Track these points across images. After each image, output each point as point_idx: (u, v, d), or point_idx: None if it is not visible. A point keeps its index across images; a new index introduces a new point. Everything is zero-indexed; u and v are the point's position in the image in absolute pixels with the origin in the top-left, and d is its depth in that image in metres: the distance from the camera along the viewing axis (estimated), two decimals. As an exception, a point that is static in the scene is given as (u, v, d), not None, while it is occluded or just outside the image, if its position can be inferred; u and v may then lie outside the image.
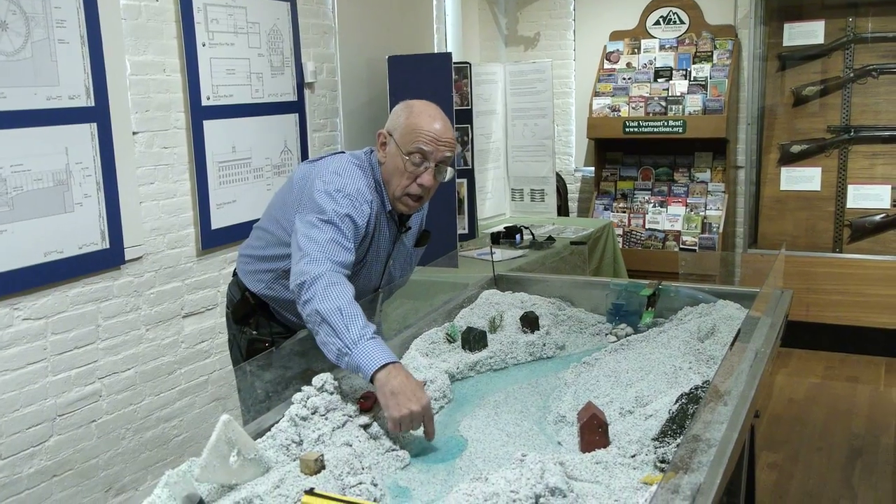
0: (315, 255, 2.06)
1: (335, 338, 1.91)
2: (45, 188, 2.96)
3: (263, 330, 2.49)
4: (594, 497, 1.44)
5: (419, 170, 2.21)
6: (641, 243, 5.84)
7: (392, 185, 2.26)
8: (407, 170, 2.21)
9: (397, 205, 2.28)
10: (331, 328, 1.92)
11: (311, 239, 2.10)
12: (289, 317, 2.46)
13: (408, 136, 2.21)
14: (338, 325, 1.91)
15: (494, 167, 5.49)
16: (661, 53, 5.96)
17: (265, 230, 2.45)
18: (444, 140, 2.22)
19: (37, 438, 3.02)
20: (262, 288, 2.46)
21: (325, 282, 1.99)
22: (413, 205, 2.28)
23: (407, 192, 2.24)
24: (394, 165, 2.24)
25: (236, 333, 2.56)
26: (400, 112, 2.27)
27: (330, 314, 1.93)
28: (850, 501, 3.50)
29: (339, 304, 1.94)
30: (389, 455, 1.76)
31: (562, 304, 2.71)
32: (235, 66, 3.73)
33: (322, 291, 1.97)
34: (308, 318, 2.00)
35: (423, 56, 4.77)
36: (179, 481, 1.51)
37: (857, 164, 5.48)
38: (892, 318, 5.13)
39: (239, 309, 2.52)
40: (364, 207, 2.20)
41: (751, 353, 2.05)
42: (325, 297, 1.96)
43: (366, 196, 2.22)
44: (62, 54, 2.99)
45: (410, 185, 2.23)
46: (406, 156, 2.20)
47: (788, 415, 4.40)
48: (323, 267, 2.03)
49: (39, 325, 3.00)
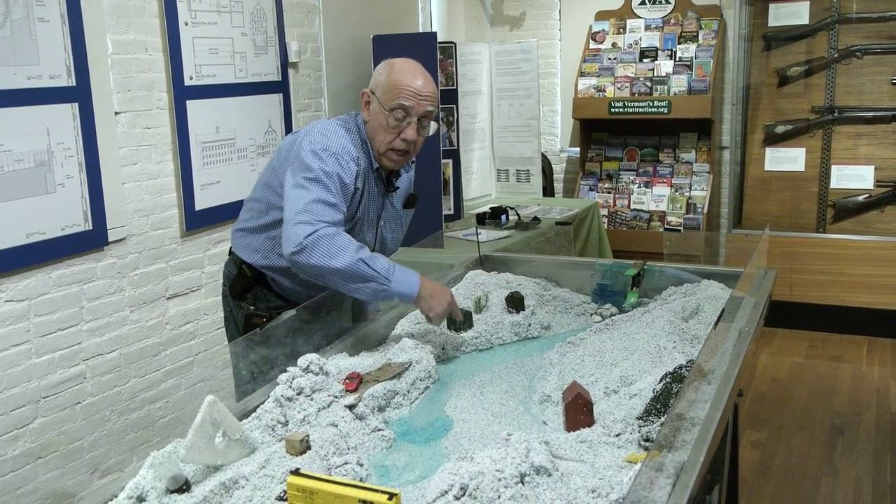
0: (304, 216, 2.11)
1: (366, 282, 2.10)
2: (27, 169, 2.93)
3: (261, 304, 2.50)
4: (579, 476, 1.45)
5: (402, 125, 2.27)
6: (626, 223, 5.85)
7: (377, 141, 2.31)
8: (390, 125, 2.27)
9: (383, 160, 2.33)
10: (360, 276, 2.09)
11: (300, 199, 2.14)
12: (287, 285, 2.46)
13: (389, 92, 2.26)
14: (366, 272, 2.09)
15: (480, 148, 5.48)
16: (646, 33, 5.95)
17: (257, 200, 2.47)
18: (426, 94, 2.27)
19: (21, 420, 3.00)
20: (258, 258, 2.46)
21: (325, 240, 2.08)
22: (398, 159, 2.33)
23: (391, 147, 2.30)
24: (377, 122, 2.29)
25: (233, 309, 2.56)
26: (381, 70, 2.32)
27: (355, 266, 2.08)
28: (832, 479, 3.54)
29: (354, 254, 2.08)
30: (375, 435, 1.76)
31: (547, 284, 2.71)
32: (218, 45, 3.70)
33: (328, 250, 2.07)
34: (328, 278, 2.11)
35: (407, 36, 4.74)
36: (165, 462, 1.51)
37: (841, 145, 5.51)
38: (875, 297, 5.17)
39: (237, 284, 2.52)
40: (351, 165, 2.25)
41: (734, 332, 2.06)
42: (336, 254, 2.08)
43: (352, 153, 2.26)
44: (42, 33, 2.95)
45: (394, 141, 2.29)
46: (388, 112, 2.26)
47: (771, 393, 4.44)
48: (313, 227, 2.09)
49: (22, 306, 2.98)
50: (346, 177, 2.22)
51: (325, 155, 2.21)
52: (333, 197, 2.17)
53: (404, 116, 2.26)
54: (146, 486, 1.48)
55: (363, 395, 1.84)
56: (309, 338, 2.22)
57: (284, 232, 2.14)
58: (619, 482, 1.42)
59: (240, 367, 2.16)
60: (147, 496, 1.47)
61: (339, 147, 2.25)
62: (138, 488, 1.48)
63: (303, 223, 2.10)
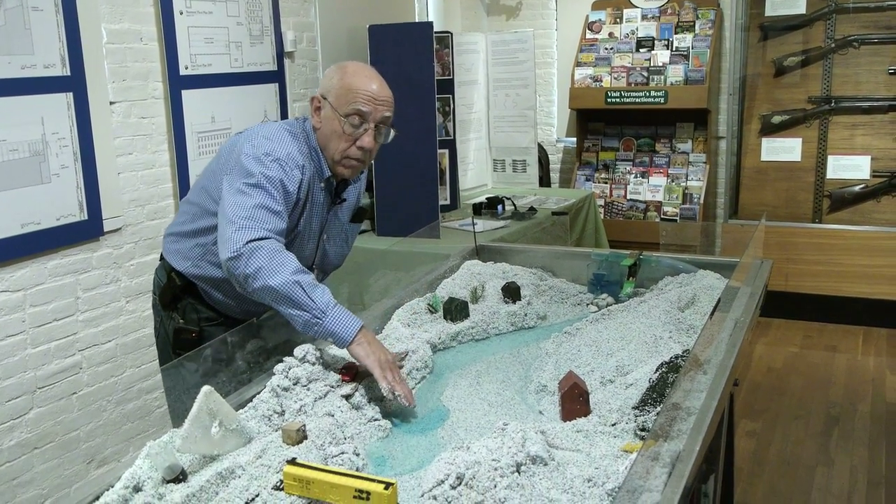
0: (244, 223, 1.95)
1: (300, 310, 1.88)
2: (21, 159, 2.92)
3: (191, 316, 2.36)
4: (575, 465, 1.45)
5: (358, 132, 2.14)
6: (623, 214, 5.85)
7: (330, 149, 2.18)
8: (345, 132, 2.14)
9: (338, 169, 2.20)
10: (293, 301, 1.88)
11: (241, 205, 1.99)
12: (218, 297, 2.33)
13: (344, 97, 2.12)
14: (301, 299, 1.88)
15: (476, 138, 5.47)
16: (643, 23, 5.93)
17: (192, 203, 2.32)
18: (382, 99, 2.15)
19: (17, 411, 3.00)
20: (188, 266, 2.31)
21: (266, 252, 1.91)
22: (355, 165, 2.20)
23: (347, 155, 2.17)
24: (331, 129, 2.15)
25: (163, 319, 2.40)
26: (333, 74, 2.18)
27: (289, 289, 1.88)
28: (827, 468, 3.55)
29: (292, 275, 1.89)
30: (371, 425, 1.76)
31: (543, 274, 2.71)
32: (214, 34, 3.69)
33: (268, 264, 1.90)
34: (260, 294, 1.92)
35: (404, 25, 4.72)
36: (161, 452, 1.51)
37: (838, 135, 5.51)
38: (870, 287, 5.18)
39: (166, 292, 2.37)
40: (295, 172, 2.10)
41: (730, 322, 2.06)
42: (274, 270, 1.89)
43: (297, 161, 2.12)
44: (36, 22, 2.94)
45: (350, 148, 2.16)
46: (344, 118, 2.12)
47: (767, 383, 4.45)
48: (255, 234, 1.94)
49: (18, 297, 2.98)
50: (290, 185, 2.07)
51: (267, 160, 2.06)
52: (277, 204, 2.02)
53: (360, 123, 2.13)
54: (142, 476, 1.48)
55: (359, 385, 1.84)
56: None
57: (222, 235, 1.98)
58: (614, 471, 1.42)
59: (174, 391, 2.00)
60: (143, 486, 1.47)
61: (283, 153, 2.09)
62: (134, 478, 1.48)
63: (244, 228, 1.94)
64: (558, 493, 1.37)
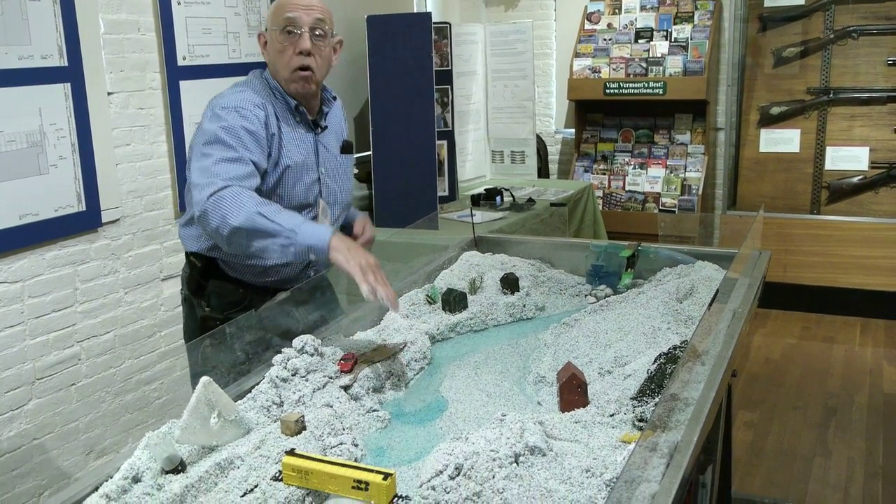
0: (205, 181, 2.03)
1: (271, 238, 1.96)
2: (19, 150, 2.92)
3: (216, 302, 2.40)
4: (573, 455, 1.45)
5: (294, 38, 2.22)
6: (621, 205, 5.85)
7: (279, 71, 2.27)
8: (285, 46, 2.23)
9: (291, 87, 2.28)
10: (262, 232, 1.96)
11: (201, 169, 2.07)
12: (235, 263, 2.37)
13: (276, 15, 2.23)
14: (267, 226, 1.96)
15: (475, 129, 5.47)
16: (641, 14, 5.92)
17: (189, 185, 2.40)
18: (311, 4, 2.23)
19: (16, 402, 3.00)
20: (200, 244, 2.38)
21: (227, 199, 1.99)
22: (304, 75, 2.26)
23: (292, 67, 2.24)
24: (275, 52, 2.25)
25: (193, 307, 2.45)
26: (270, 6, 2.30)
27: (253, 221, 1.96)
28: (825, 459, 3.56)
29: (254, 209, 1.97)
30: (370, 416, 1.76)
31: (542, 265, 2.71)
32: (212, 25, 3.68)
33: (230, 208, 1.98)
34: (231, 238, 2.00)
35: (402, 16, 4.71)
36: (160, 443, 1.51)
37: (836, 126, 5.50)
38: (868, 278, 5.19)
39: (192, 279, 2.43)
40: (256, 112, 2.18)
41: (728, 313, 2.06)
42: (237, 211, 1.97)
43: (253, 101, 2.21)
44: (33, 12, 2.93)
45: (292, 59, 2.23)
46: (279, 32, 2.22)
47: (765, 374, 4.46)
48: (215, 188, 2.01)
49: (16, 288, 2.98)
50: (251, 125, 2.15)
51: (223, 112, 2.15)
52: (235, 152, 2.10)
53: (293, 30, 2.21)
54: (141, 467, 1.48)
55: (358, 376, 1.85)
56: (304, 319, 2.22)
57: (192, 202, 2.08)
58: (613, 462, 1.42)
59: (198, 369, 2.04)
60: (142, 477, 1.47)
61: (237, 100, 2.19)
62: (133, 469, 1.48)
63: (206, 186, 2.02)
64: (556, 484, 1.37)
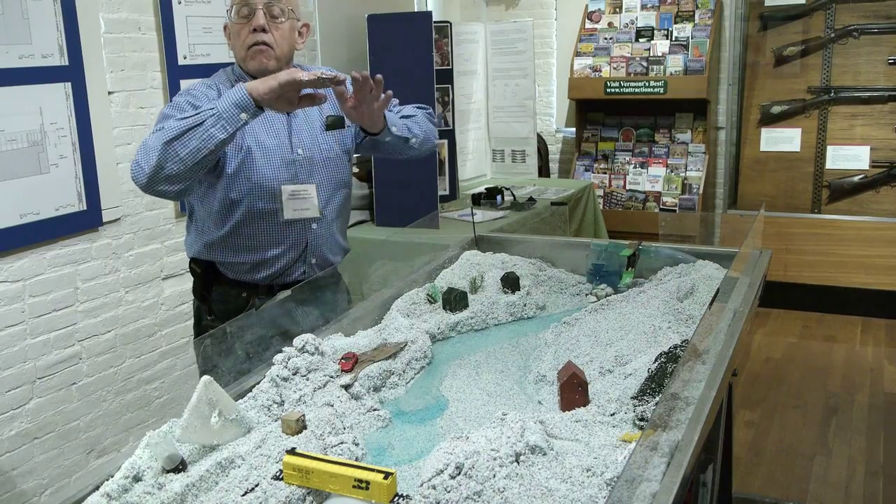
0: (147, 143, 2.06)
1: (200, 128, 2.00)
2: (20, 149, 2.92)
3: (219, 307, 2.42)
4: (574, 455, 1.45)
5: (248, 18, 2.24)
6: (622, 204, 5.85)
7: (237, 51, 2.30)
8: (240, 26, 2.25)
9: (249, 65, 2.28)
10: (189, 130, 2.00)
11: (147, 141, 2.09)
12: (235, 272, 2.39)
13: (231, 2, 2.27)
14: (189, 122, 2.00)
15: (475, 128, 5.46)
16: (642, 13, 5.92)
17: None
18: None
19: (17, 401, 3.01)
20: (196, 249, 2.41)
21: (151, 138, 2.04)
22: (259, 49, 2.26)
23: (247, 45, 2.26)
24: (234, 35, 2.29)
25: (201, 316, 2.49)
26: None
27: (174, 129, 2.00)
28: (826, 458, 3.56)
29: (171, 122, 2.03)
30: (371, 415, 1.76)
31: (542, 264, 2.71)
32: (212, 24, 3.67)
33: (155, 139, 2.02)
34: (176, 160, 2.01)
35: (402, 15, 4.71)
36: (161, 442, 1.51)
37: (837, 125, 5.50)
38: (869, 278, 5.19)
39: (196, 285, 2.47)
40: (206, 92, 2.24)
41: (729, 312, 2.06)
42: (159, 136, 2.02)
43: (206, 83, 2.28)
44: (34, 11, 2.93)
45: (247, 37, 2.25)
46: (235, 17, 2.25)
47: (766, 373, 4.46)
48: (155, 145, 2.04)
49: (17, 287, 2.98)
50: (198, 101, 2.19)
51: (176, 99, 2.23)
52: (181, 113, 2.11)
53: (248, 11, 2.23)
54: (142, 466, 1.48)
55: (359, 375, 1.85)
56: (304, 318, 2.22)
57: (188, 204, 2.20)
58: (613, 461, 1.42)
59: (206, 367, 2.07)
60: (143, 476, 1.47)
61: (191, 85, 2.28)
62: (134, 468, 1.48)
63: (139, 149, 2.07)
64: (557, 483, 1.37)
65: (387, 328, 2.16)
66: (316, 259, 2.42)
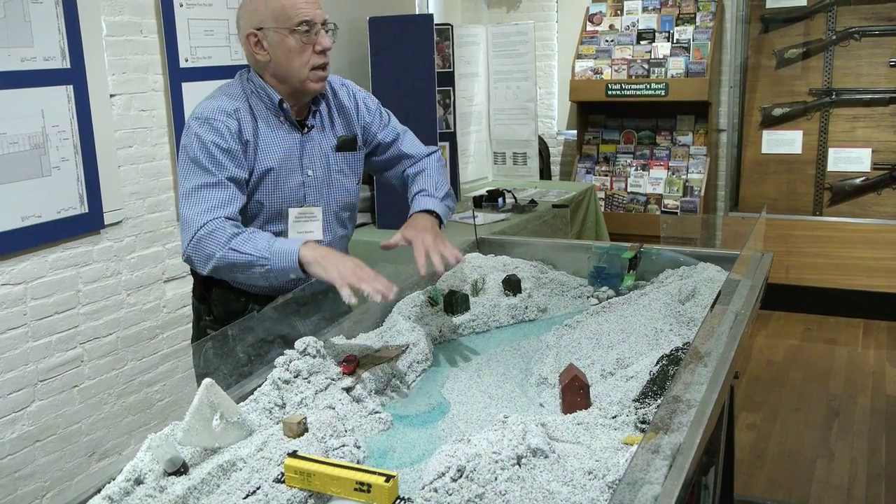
0: (187, 215, 2.10)
1: (250, 268, 2.03)
2: (22, 152, 2.92)
3: (219, 310, 2.40)
4: (575, 457, 1.45)
5: (311, 37, 2.20)
6: (623, 206, 5.85)
7: (294, 69, 2.21)
8: (304, 44, 2.19)
9: (309, 85, 2.24)
10: (239, 265, 2.03)
11: (184, 196, 2.13)
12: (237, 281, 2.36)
13: (283, 14, 2.17)
14: (241, 259, 2.02)
15: (476, 130, 5.47)
16: (643, 15, 5.92)
17: None
18: (314, 2, 2.23)
19: (18, 404, 3.01)
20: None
21: (206, 241, 2.05)
22: (323, 74, 2.25)
23: (312, 66, 2.22)
24: (284, 51, 2.19)
25: (200, 316, 2.48)
26: (254, 4, 2.21)
27: (226, 259, 2.03)
28: (827, 461, 3.56)
29: (225, 245, 2.03)
30: (372, 418, 1.76)
31: (544, 267, 2.71)
32: (214, 27, 3.68)
33: (207, 247, 2.04)
34: (219, 275, 2.10)
35: (404, 17, 4.72)
36: (162, 445, 1.51)
37: (838, 128, 5.50)
38: (871, 280, 5.18)
39: (196, 287, 2.46)
40: (227, 122, 2.17)
41: (731, 315, 2.06)
42: (212, 250, 2.04)
43: (225, 109, 2.18)
44: (36, 15, 2.93)
45: (312, 57, 2.21)
46: (295, 31, 2.18)
47: (767, 376, 4.46)
48: (194, 229, 2.07)
49: (19, 290, 2.98)
50: (224, 141, 2.15)
51: (196, 125, 2.16)
52: (213, 176, 2.11)
53: (310, 29, 2.18)
54: (144, 469, 1.48)
55: (360, 377, 1.85)
56: (306, 321, 2.22)
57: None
58: (615, 464, 1.42)
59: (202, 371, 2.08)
60: (145, 478, 1.47)
61: (211, 108, 2.18)
62: (136, 471, 1.48)
63: (186, 225, 2.09)
64: (559, 486, 1.37)
65: (388, 331, 2.16)
66: (315, 277, 2.41)
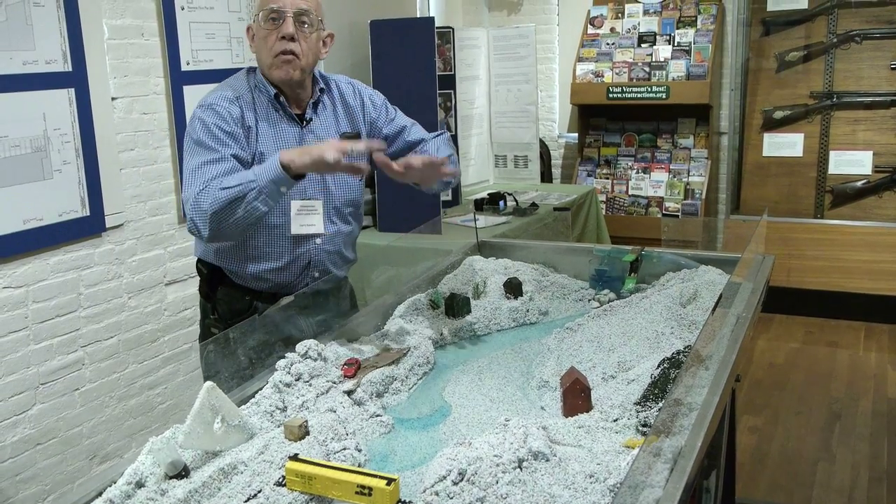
0: (188, 192, 2.13)
1: (244, 200, 2.03)
2: (23, 155, 2.92)
3: (224, 308, 2.42)
4: (577, 461, 1.45)
5: (278, 24, 2.22)
6: (624, 209, 5.85)
7: (263, 56, 2.27)
8: (269, 33, 2.23)
9: (273, 73, 2.27)
10: (233, 201, 2.03)
11: (188, 173, 2.17)
12: (241, 278, 2.39)
13: (261, 4, 2.25)
14: (232, 194, 2.03)
15: (478, 133, 5.47)
16: (644, 18, 5.92)
17: None
18: None
19: (20, 407, 3.01)
20: (203, 250, 2.43)
21: (201, 197, 2.08)
22: (286, 59, 2.24)
23: (274, 53, 2.24)
24: (260, 40, 2.26)
25: (206, 314, 2.50)
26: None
27: (218, 199, 2.04)
28: (829, 464, 3.56)
29: (215, 189, 2.06)
30: (373, 421, 1.76)
31: (545, 270, 2.71)
32: (215, 30, 3.68)
33: (203, 202, 2.07)
34: (221, 226, 2.07)
35: (405, 21, 4.72)
36: (163, 448, 1.51)
37: (840, 130, 5.50)
38: (872, 283, 5.18)
39: (202, 284, 2.48)
40: (230, 108, 2.22)
41: (732, 318, 2.06)
42: (206, 201, 2.06)
43: (228, 96, 2.24)
44: (38, 18, 2.93)
45: (275, 44, 2.23)
46: (263, 23, 2.23)
47: (769, 379, 4.45)
48: (193, 196, 2.10)
49: (20, 293, 2.98)
50: (227, 124, 2.20)
51: (201, 111, 2.21)
52: (215, 152, 2.16)
53: (277, 17, 2.21)
54: (145, 472, 1.48)
55: (361, 380, 1.85)
56: (307, 324, 2.22)
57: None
58: (616, 467, 1.42)
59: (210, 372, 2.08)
60: (146, 482, 1.47)
61: (214, 97, 2.24)
62: (137, 474, 1.48)
63: (187, 199, 2.12)
64: (560, 489, 1.37)
65: (389, 334, 2.16)
66: (318, 273, 2.41)
